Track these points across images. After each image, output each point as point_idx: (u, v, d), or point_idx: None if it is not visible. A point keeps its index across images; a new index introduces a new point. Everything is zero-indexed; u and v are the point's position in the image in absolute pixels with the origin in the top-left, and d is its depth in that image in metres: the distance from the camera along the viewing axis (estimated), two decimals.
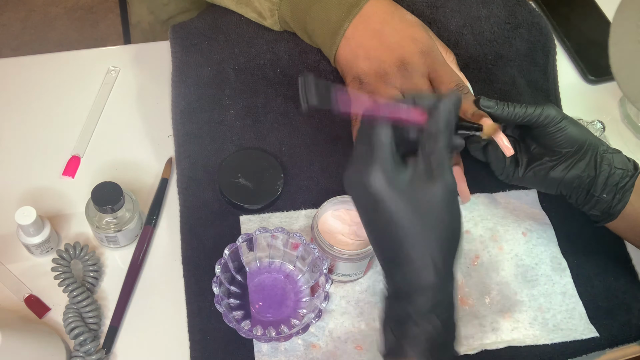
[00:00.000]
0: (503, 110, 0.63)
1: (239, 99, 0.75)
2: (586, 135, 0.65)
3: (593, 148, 0.65)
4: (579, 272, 0.70)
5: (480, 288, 0.67)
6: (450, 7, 0.82)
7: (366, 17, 0.71)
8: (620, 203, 0.64)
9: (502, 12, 0.83)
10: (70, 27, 1.92)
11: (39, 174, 0.71)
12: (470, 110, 0.65)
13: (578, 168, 0.65)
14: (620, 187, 0.64)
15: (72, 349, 0.61)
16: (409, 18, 0.73)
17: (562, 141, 0.64)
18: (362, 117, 0.53)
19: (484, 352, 0.63)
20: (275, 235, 0.64)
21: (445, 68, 0.70)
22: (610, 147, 0.66)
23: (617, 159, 0.65)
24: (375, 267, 0.67)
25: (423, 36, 0.72)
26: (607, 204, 0.65)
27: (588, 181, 0.65)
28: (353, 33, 0.71)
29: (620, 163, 0.65)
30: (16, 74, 0.77)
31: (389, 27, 0.71)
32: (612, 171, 0.64)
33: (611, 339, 0.66)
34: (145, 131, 0.75)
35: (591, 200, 0.65)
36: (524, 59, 0.82)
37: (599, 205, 0.65)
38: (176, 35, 0.77)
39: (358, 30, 0.71)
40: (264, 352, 0.62)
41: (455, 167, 0.69)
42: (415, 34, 0.72)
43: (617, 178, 0.64)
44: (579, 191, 0.66)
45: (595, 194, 0.65)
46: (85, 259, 0.64)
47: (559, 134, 0.64)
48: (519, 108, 0.64)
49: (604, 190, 0.64)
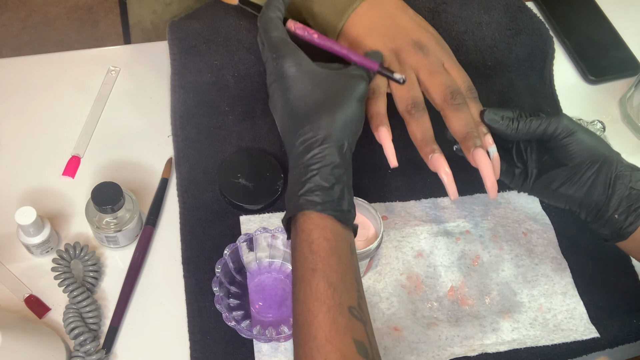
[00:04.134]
0: (507, 128, 0.62)
1: (237, 105, 0.75)
2: (604, 149, 0.62)
3: (609, 164, 0.61)
4: (579, 272, 0.70)
5: (481, 288, 0.67)
6: (452, 13, 0.82)
7: (381, 2, 0.69)
8: (632, 225, 0.60)
9: (503, 18, 0.83)
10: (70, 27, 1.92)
11: (39, 174, 0.71)
12: (476, 117, 0.64)
13: (589, 185, 0.61)
14: (635, 208, 0.60)
15: (72, 349, 0.61)
16: (420, 16, 0.72)
17: (576, 154, 0.61)
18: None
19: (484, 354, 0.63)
20: (276, 235, 0.64)
21: (458, 66, 0.68)
22: (630, 164, 0.62)
23: (636, 177, 0.61)
24: (375, 267, 0.67)
25: (436, 32, 0.71)
26: (618, 225, 0.61)
27: (600, 200, 0.61)
28: (367, 11, 0.69)
29: (639, 183, 0.61)
30: (16, 74, 0.77)
31: (404, 13, 0.70)
32: (628, 192, 0.60)
33: (611, 339, 0.66)
34: (145, 131, 0.75)
35: (601, 220, 0.62)
36: (522, 64, 0.82)
37: (610, 225, 0.61)
38: (174, 36, 0.77)
39: (372, 9, 0.69)
40: (264, 352, 0.62)
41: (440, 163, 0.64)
42: (429, 28, 0.71)
43: (632, 199, 0.60)
44: (589, 210, 0.62)
45: (607, 214, 0.61)
46: (85, 259, 0.64)
47: (572, 146, 0.61)
48: (523, 124, 0.62)
49: (617, 210, 0.61)
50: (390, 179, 0.73)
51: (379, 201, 0.71)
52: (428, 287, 0.67)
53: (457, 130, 0.63)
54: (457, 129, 0.63)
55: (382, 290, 0.66)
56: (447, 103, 0.64)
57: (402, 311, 0.65)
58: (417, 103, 0.64)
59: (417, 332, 0.64)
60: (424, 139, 0.63)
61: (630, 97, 0.83)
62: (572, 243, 0.71)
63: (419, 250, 0.69)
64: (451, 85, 0.65)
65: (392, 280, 0.67)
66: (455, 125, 0.63)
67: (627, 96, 0.83)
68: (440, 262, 0.68)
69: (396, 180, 0.73)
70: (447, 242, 0.69)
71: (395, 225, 0.70)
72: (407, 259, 0.68)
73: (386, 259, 0.68)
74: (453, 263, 0.68)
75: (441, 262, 0.68)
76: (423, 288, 0.67)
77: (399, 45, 0.67)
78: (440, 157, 0.62)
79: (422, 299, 0.66)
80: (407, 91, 0.65)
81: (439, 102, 0.65)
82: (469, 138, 0.62)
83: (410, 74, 0.66)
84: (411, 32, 0.68)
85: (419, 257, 0.68)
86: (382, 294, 0.66)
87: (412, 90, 0.65)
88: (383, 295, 0.66)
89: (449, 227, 0.71)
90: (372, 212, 0.64)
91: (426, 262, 0.68)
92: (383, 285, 0.66)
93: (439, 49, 0.68)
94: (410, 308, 0.65)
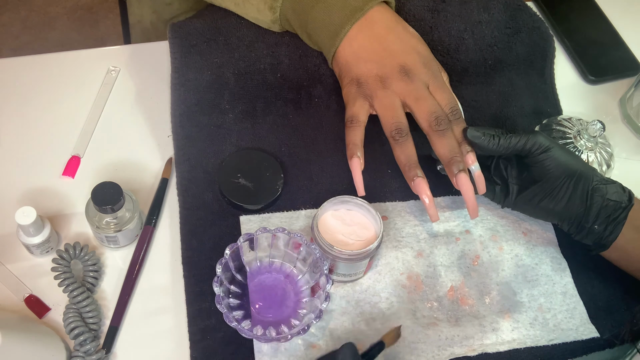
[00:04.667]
0: (489, 143, 0.66)
1: (238, 103, 0.75)
2: (578, 164, 0.65)
3: (585, 178, 0.64)
4: (579, 272, 0.70)
5: (480, 288, 0.67)
6: (452, 12, 0.82)
7: (371, 22, 0.71)
8: (612, 234, 0.64)
9: (503, 16, 0.83)
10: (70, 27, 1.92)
11: (39, 174, 0.71)
12: (459, 137, 0.68)
13: (568, 199, 0.65)
14: (613, 219, 0.64)
15: (72, 349, 0.61)
16: (411, 30, 0.74)
17: (552, 169, 0.65)
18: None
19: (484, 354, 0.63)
20: (277, 235, 0.64)
21: (443, 87, 0.70)
22: (605, 178, 0.66)
23: (611, 190, 0.64)
24: (375, 267, 0.67)
25: (424, 49, 0.72)
26: (599, 235, 0.65)
27: (579, 212, 0.65)
28: (356, 35, 0.71)
29: (614, 195, 0.64)
30: (16, 74, 0.77)
31: (393, 35, 0.71)
32: (605, 203, 0.64)
33: (611, 339, 0.66)
34: (145, 131, 0.75)
35: (582, 231, 0.65)
36: (523, 63, 0.82)
37: (591, 235, 0.65)
38: (175, 35, 0.77)
39: (362, 33, 0.71)
40: (264, 352, 0.62)
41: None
42: (417, 46, 0.72)
43: (609, 210, 0.64)
44: (570, 222, 0.66)
45: (587, 225, 0.65)
46: (85, 259, 0.64)
47: (548, 162, 0.65)
48: (503, 139, 0.65)
49: (596, 222, 0.64)
50: (390, 179, 0.73)
51: (379, 201, 0.71)
52: (428, 287, 0.67)
53: (441, 155, 0.67)
54: (441, 154, 0.67)
55: (382, 290, 0.66)
56: (432, 129, 0.67)
57: (402, 311, 0.65)
58: (400, 129, 0.68)
59: (417, 332, 0.64)
60: (408, 164, 0.67)
61: (630, 97, 0.83)
62: (572, 243, 0.71)
63: (418, 250, 0.69)
64: (435, 112, 0.68)
65: (392, 280, 0.67)
66: (439, 150, 0.67)
67: (627, 96, 0.83)
68: (440, 262, 0.68)
69: (396, 180, 0.73)
70: (447, 242, 0.69)
71: (395, 225, 0.70)
72: (407, 259, 0.68)
73: (386, 259, 0.68)
74: (453, 263, 0.68)
75: (441, 262, 0.68)
76: (423, 288, 0.67)
77: (385, 73, 0.70)
78: (422, 182, 0.66)
79: (422, 299, 0.66)
80: (390, 117, 0.68)
81: (425, 127, 0.68)
82: (453, 163, 0.66)
83: (395, 100, 0.69)
84: (398, 56, 0.70)
85: (418, 257, 0.68)
86: (382, 294, 0.66)
87: (395, 117, 0.68)
88: (383, 295, 0.66)
89: (449, 227, 0.71)
90: (372, 212, 0.64)
91: (426, 262, 0.68)
92: (383, 285, 0.66)
93: (424, 71, 0.70)
94: (410, 308, 0.65)
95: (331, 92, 0.77)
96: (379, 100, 0.69)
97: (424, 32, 0.78)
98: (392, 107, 0.69)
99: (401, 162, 0.68)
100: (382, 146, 0.73)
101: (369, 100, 0.70)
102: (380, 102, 0.69)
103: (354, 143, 0.68)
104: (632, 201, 0.64)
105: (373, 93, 0.70)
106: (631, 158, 0.81)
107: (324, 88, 0.77)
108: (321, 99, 0.76)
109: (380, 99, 0.69)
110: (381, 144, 0.73)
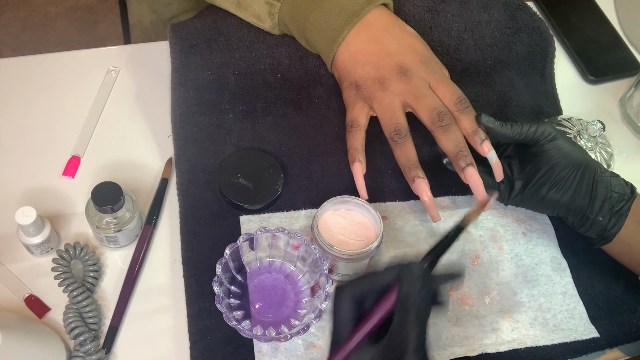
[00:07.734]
0: (502, 127, 0.65)
1: (238, 103, 0.75)
2: (583, 156, 0.66)
3: (590, 170, 0.65)
4: (579, 272, 0.70)
5: (480, 288, 0.67)
6: (451, 12, 0.82)
7: (368, 24, 0.71)
8: (615, 226, 0.64)
9: (502, 16, 0.83)
10: (70, 27, 1.92)
11: (39, 174, 0.71)
12: (470, 127, 0.67)
13: (574, 189, 0.64)
14: (616, 210, 0.64)
15: (72, 349, 0.61)
16: (409, 30, 0.74)
17: (558, 159, 0.65)
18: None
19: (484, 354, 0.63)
20: (277, 235, 0.64)
21: (445, 81, 0.70)
22: (608, 170, 0.66)
23: (615, 182, 0.65)
24: (376, 267, 0.67)
25: (422, 47, 0.72)
26: (602, 227, 0.65)
27: (584, 204, 0.65)
28: (353, 38, 0.71)
29: (618, 187, 0.65)
30: (16, 74, 0.77)
31: (389, 35, 0.71)
32: (609, 194, 0.64)
33: (611, 339, 0.66)
34: (145, 131, 0.75)
35: (586, 223, 0.65)
36: (523, 62, 0.82)
37: (595, 227, 0.65)
38: (175, 35, 0.77)
39: (359, 36, 0.71)
40: (264, 352, 0.62)
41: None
42: (415, 45, 0.72)
43: (613, 202, 0.64)
44: (575, 213, 0.66)
45: (591, 217, 0.65)
46: (85, 259, 0.64)
47: (555, 151, 0.65)
48: (516, 126, 0.65)
49: (600, 213, 0.64)
50: (390, 179, 0.73)
51: (379, 201, 0.71)
52: None
53: (447, 150, 0.67)
54: (447, 149, 0.67)
55: None
56: (435, 125, 0.67)
57: None
58: (399, 131, 0.68)
59: None
60: (408, 165, 0.67)
61: (630, 97, 0.83)
62: (572, 243, 0.71)
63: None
64: (437, 107, 0.67)
65: None
66: (445, 145, 0.67)
67: (627, 96, 0.83)
68: (439, 261, 0.68)
69: (396, 180, 0.73)
70: None
71: (395, 225, 0.70)
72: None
73: (386, 258, 0.68)
74: (453, 263, 0.68)
75: (441, 261, 0.68)
76: None
77: (382, 74, 0.70)
78: (422, 183, 0.66)
79: None
80: (389, 119, 0.68)
81: (428, 124, 0.68)
82: (460, 157, 0.66)
83: (394, 101, 0.69)
84: (395, 56, 0.70)
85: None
86: None
87: (394, 118, 0.68)
88: None
89: (449, 227, 0.71)
90: (372, 212, 0.64)
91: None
92: None
93: (423, 68, 0.70)
94: None
95: (331, 92, 0.77)
96: (378, 102, 0.69)
97: (424, 33, 0.78)
98: (390, 109, 0.69)
99: (401, 163, 0.68)
100: (382, 146, 0.73)
101: (369, 102, 0.70)
102: (379, 104, 0.69)
103: (355, 147, 0.68)
104: (634, 193, 0.65)
105: (372, 95, 0.70)
106: (631, 158, 0.81)
107: (324, 88, 0.77)
108: (321, 100, 0.76)
109: (379, 101, 0.69)
110: (381, 144, 0.73)
